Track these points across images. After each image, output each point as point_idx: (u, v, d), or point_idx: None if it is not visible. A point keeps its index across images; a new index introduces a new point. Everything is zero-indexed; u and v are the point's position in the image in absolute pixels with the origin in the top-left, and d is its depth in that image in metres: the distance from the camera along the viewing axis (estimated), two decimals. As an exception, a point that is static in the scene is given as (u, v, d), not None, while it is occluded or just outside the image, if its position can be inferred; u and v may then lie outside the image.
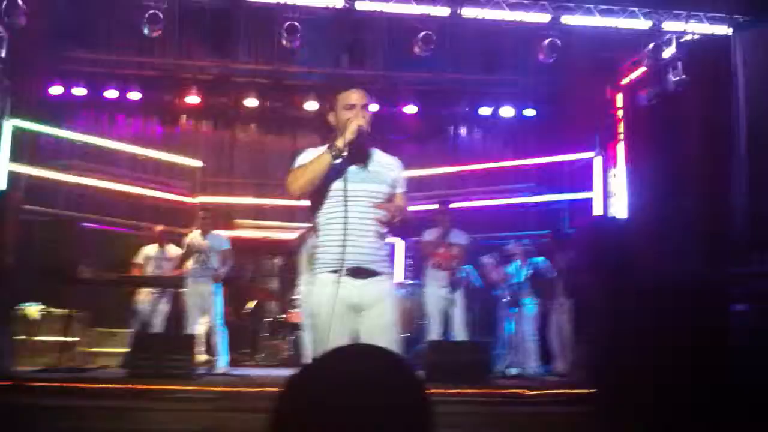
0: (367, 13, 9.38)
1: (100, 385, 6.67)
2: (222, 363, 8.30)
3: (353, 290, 3.42)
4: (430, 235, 8.54)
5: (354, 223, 3.44)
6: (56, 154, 10.61)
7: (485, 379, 7.37)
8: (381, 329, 3.42)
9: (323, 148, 3.47)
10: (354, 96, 3.56)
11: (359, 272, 3.43)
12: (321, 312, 3.42)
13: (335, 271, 3.42)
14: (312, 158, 3.48)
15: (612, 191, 10.81)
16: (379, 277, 3.48)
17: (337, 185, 3.48)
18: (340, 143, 3.41)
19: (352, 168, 3.50)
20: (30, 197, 9.51)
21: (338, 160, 3.44)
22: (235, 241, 9.10)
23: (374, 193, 3.49)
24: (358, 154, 3.53)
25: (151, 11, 8.95)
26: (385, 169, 3.59)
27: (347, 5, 9.17)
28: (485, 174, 11.69)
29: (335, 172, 3.47)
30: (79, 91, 11.01)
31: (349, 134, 3.41)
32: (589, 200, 10.93)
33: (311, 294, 3.53)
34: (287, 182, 3.49)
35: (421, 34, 9.40)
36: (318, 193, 3.52)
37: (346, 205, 3.45)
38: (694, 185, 8.99)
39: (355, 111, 3.51)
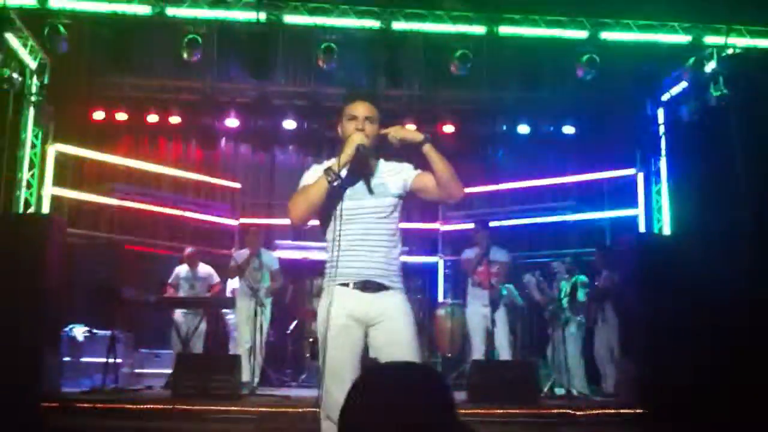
0: (404, 33, 9.40)
1: (146, 406, 6.70)
2: (255, 382, 8.31)
3: (362, 304, 3.41)
4: (470, 253, 8.50)
5: (360, 238, 3.44)
6: (99, 177, 10.73)
7: (533, 399, 7.26)
8: (398, 345, 3.38)
9: (327, 164, 3.47)
10: (358, 108, 3.52)
11: (368, 286, 3.43)
12: (326, 323, 3.37)
13: (345, 284, 3.43)
14: (311, 182, 3.48)
15: (656, 207, 10.66)
16: (388, 291, 3.46)
17: (340, 204, 3.45)
18: (335, 166, 3.37)
19: (355, 185, 3.50)
20: (73, 221, 9.66)
21: (337, 182, 3.40)
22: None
23: (379, 208, 3.49)
24: (359, 172, 3.51)
25: (190, 36, 9.03)
26: (391, 177, 3.56)
27: (383, 25, 9.20)
28: (525, 192, 11.59)
29: (338, 191, 3.45)
30: (121, 116, 11.14)
31: (345, 156, 3.38)
32: (632, 217, 10.80)
33: (320, 306, 3.49)
34: (289, 207, 3.51)
35: (458, 53, 9.38)
36: (324, 212, 3.51)
37: (351, 222, 3.44)
38: (739, 200, 8.83)
39: (357, 123, 3.47)
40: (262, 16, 9.02)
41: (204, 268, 9.38)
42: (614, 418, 6.83)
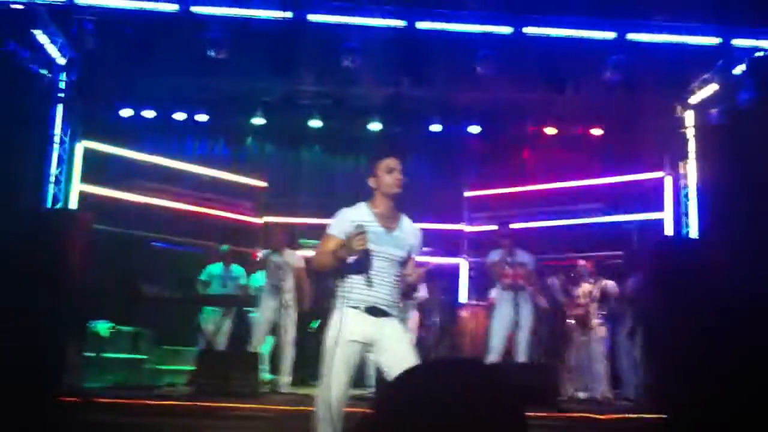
0: (428, 32, 9.36)
1: (167, 402, 6.74)
2: (285, 382, 8.28)
3: (367, 325, 4.08)
4: (495, 256, 8.43)
5: (375, 274, 4.10)
6: (126, 174, 10.82)
7: (554, 403, 7.20)
8: (399, 346, 4.10)
9: (355, 212, 4.17)
10: (394, 162, 4.23)
11: (375, 311, 4.10)
12: (337, 339, 4.05)
13: (356, 308, 4.08)
14: (335, 236, 4.12)
15: (684, 211, 10.54)
16: (389, 318, 4.15)
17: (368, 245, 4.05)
18: (340, 254, 3.98)
19: (381, 232, 4.15)
20: (100, 217, 9.72)
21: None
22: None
23: (396, 256, 4.17)
24: (387, 225, 4.18)
25: (216, 35, 9.07)
26: (408, 236, 4.27)
27: (408, 25, 9.17)
28: (552, 194, 11.52)
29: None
30: (148, 114, 11.24)
31: (350, 252, 3.97)
32: (658, 221, 10.68)
33: (332, 322, 4.12)
34: (314, 260, 4.33)
35: (482, 54, 9.32)
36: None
37: (373, 261, 4.08)
38: (768, 205, 8.69)
39: (396, 175, 4.19)
40: (286, 14, 9.03)
41: (237, 268, 9.43)
42: (637, 423, 6.76)
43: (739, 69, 9.46)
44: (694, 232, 10.38)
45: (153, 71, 10.66)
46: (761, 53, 9.28)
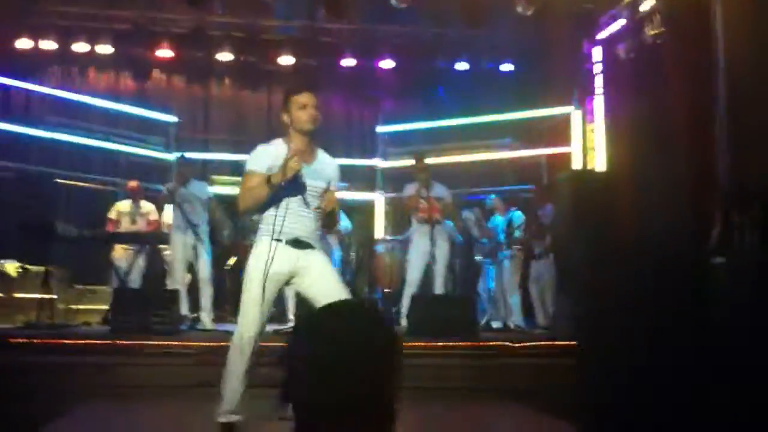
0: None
1: (84, 341, 6.60)
2: (206, 319, 8.20)
3: (291, 256, 4.13)
4: (410, 189, 8.47)
5: (298, 207, 4.13)
6: (27, 108, 10.36)
7: (472, 333, 7.38)
8: (329, 280, 4.20)
9: (273, 148, 4.17)
10: (306, 98, 4.16)
11: (298, 243, 4.16)
12: (260, 271, 4.06)
13: (279, 240, 4.09)
14: (257, 171, 4.13)
15: (591, 145, 10.79)
16: (312, 249, 4.22)
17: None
18: (276, 179, 3.98)
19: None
20: (2, 153, 9.33)
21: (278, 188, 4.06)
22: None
23: (315, 187, 4.18)
24: (294, 184, 4.12)
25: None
26: (326, 167, 4.30)
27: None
28: (464, 129, 11.62)
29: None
30: (49, 45, 10.72)
31: (284, 177, 3.98)
32: (568, 154, 10.92)
33: (254, 255, 4.15)
34: (238, 200, 4.26)
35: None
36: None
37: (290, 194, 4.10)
38: (675, 139, 8.97)
39: (309, 111, 4.12)
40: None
41: (146, 204, 9.18)
42: (550, 349, 6.99)
43: (646, 4, 9.62)
44: (600, 166, 10.63)
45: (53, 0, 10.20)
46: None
